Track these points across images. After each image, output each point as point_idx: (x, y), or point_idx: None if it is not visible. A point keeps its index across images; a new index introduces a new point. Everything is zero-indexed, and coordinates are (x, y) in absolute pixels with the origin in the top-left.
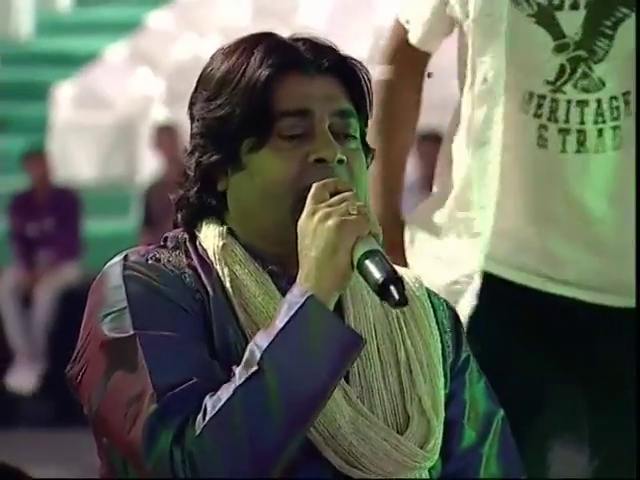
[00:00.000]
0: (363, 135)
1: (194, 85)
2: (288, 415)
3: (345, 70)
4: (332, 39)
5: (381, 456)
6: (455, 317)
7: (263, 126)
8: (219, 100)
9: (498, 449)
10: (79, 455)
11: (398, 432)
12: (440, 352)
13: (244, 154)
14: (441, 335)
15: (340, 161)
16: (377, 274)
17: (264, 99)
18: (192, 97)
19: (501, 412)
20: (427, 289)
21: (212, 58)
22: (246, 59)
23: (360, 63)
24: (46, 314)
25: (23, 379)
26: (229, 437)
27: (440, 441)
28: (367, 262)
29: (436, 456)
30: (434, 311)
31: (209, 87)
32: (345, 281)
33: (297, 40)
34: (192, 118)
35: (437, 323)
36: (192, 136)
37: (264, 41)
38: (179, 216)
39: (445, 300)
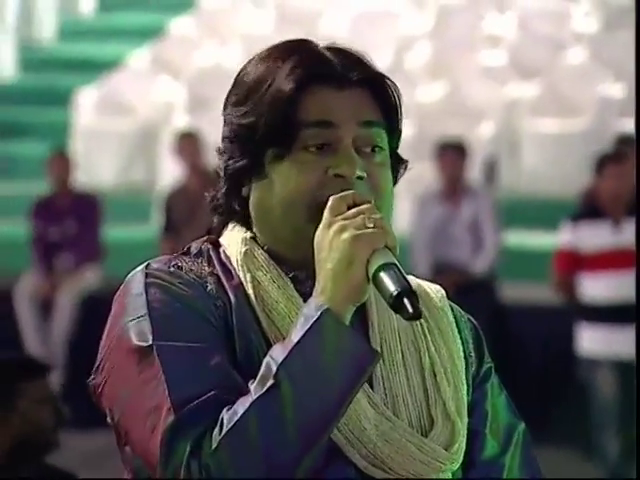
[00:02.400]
0: (394, 148)
1: (229, 87)
2: (303, 429)
3: (375, 83)
4: (354, 48)
5: (405, 457)
6: (476, 329)
7: (286, 137)
8: (246, 107)
9: (520, 461)
10: (101, 462)
11: (423, 435)
12: (463, 360)
13: (267, 163)
14: (463, 345)
15: (360, 177)
16: (391, 287)
17: (289, 110)
18: (225, 99)
19: (522, 425)
20: (450, 302)
21: (248, 62)
22: (276, 68)
23: (390, 79)
24: (66, 318)
25: None
26: (245, 451)
27: (464, 445)
28: (382, 275)
29: (460, 458)
30: (456, 322)
31: (239, 92)
32: (360, 294)
33: (330, 50)
34: (224, 120)
35: (459, 333)
36: (222, 138)
37: (297, 50)
38: (214, 219)
39: (467, 314)
